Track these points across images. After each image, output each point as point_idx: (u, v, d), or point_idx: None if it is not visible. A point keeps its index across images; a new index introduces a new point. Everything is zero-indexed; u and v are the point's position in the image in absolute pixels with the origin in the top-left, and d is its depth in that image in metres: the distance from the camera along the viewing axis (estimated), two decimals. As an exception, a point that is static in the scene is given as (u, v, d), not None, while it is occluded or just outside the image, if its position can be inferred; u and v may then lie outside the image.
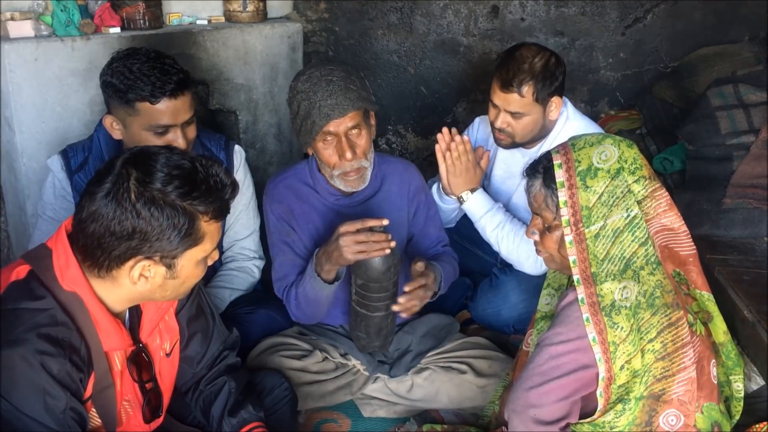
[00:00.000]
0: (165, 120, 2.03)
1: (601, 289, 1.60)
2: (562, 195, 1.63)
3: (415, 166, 2.37)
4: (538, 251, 1.79)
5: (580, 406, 1.68)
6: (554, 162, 1.66)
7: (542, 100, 2.34)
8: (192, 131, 2.13)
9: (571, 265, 1.63)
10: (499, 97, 2.37)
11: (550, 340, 1.66)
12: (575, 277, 1.63)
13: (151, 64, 2.02)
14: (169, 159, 1.40)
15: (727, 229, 2.77)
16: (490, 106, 2.43)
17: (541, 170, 1.70)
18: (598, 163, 1.63)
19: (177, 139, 2.06)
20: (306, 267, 2.12)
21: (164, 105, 2.01)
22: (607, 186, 1.61)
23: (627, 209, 1.61)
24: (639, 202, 1.62)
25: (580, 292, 1.61)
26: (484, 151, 2.45)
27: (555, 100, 2.38)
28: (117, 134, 2.11)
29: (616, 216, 1.61)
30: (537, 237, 1.76)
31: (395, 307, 2.05)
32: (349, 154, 2.05)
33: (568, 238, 1.63)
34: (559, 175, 1.64)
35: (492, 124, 2.44)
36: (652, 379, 1.62)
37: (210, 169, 1.42)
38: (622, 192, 1.61)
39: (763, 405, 2.14)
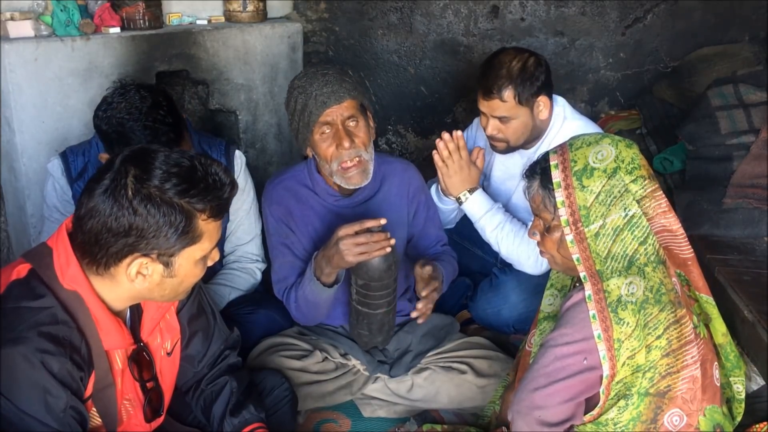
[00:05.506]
0: None
1: (608, 285, 1.60)
2: (559, 195, 1.63)
3: (414, 167, 2.37)
4: (541, 252, 1.79)
5: (584, 407, 1.68)
6: (551, 162, 1.67)
7: (526, 101, 2.33)
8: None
9: (576, 263, 1.63)
10: (483, 105, 2.38)
11: (555, 341, 1.65)
12: (582, 275, 1.62)
13: (143, 123, 1.94)
14: (168, 157, 1.40)
15: (727, 229, 2.76)
16: (480, 114, 2.44)
17: (538, 171, 1.71)
18: (594, 162, 1.63)
19: None
20: (305, 269, 2.11)
21: None
22: (603, 185, 1.61)
23: (625, 208, 1.61)
24: (638, 201, 1.62)
25: (588, 288, 1.61)
26: (479, 150, 2.45)
27: (542, 99, 2.36)
28: None
29: (614, 215, 1.61)
30: (539, 238, 1.76)
31: (414, 314, 2.10)
32: (346, 143, 2.03)
33: (568, 237, 1.63)
34: (556, 175, 1.64)
35: (485, 132, 2.45)
36: (658, 377, 1.62)
37: (209, 167, 1.42)
38: (619, 191, 1.61)
39: (764, 405, 2.13)
